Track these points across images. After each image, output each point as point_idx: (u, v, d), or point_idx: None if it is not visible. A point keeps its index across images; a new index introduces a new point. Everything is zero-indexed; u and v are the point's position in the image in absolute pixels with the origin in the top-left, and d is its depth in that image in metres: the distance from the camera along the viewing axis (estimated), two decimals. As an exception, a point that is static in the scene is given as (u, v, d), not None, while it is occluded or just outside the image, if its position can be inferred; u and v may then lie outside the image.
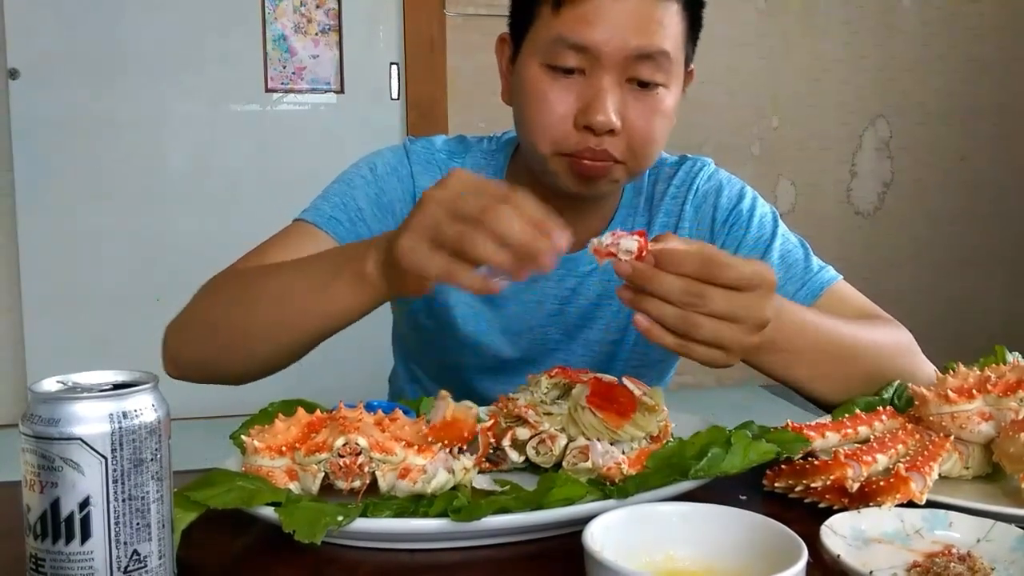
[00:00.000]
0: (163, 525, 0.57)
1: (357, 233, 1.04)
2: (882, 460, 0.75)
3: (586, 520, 0.59)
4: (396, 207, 1.08)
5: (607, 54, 0.94)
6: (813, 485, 0.74)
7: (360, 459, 0.69)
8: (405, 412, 0.77)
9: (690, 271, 0.72)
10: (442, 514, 0.66)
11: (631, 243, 0.73)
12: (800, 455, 0.76)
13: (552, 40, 0.96)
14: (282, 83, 3.28)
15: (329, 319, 0.86)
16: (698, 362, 0.75)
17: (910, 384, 0.88)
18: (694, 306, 0.72)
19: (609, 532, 0.58)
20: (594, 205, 1.09)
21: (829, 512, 0.69)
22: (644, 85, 0.97)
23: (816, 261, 1.10)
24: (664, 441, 0.80)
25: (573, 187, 1.01)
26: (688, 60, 1.04)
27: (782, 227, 1.13)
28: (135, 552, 0.55)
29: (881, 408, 0.86)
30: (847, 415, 0.84)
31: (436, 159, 1.12)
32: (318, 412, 0.76)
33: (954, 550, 0.65)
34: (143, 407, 0.55)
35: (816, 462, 0.74)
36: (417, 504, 0.69)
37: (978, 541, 0.66)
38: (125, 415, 0.54)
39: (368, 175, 1.09)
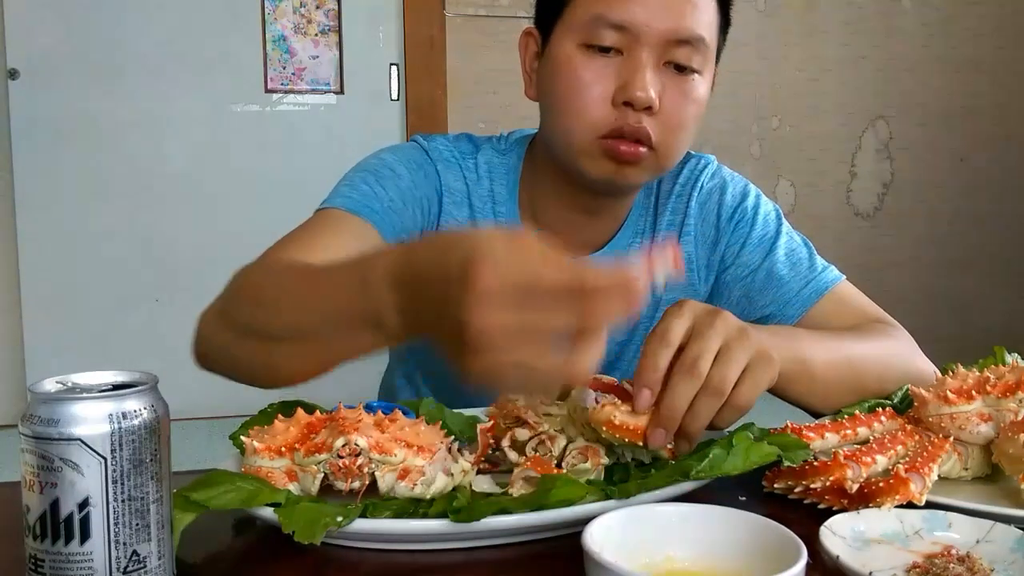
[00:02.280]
0: (162, 526, 0.57)
1: (391, 222, 1.01)
2: (881, 461, 0.75)
3: (586, 521, 0.59)
4: (425, 204, 1.06)
5: (647, 34, 0.94)
6: (813, 486, 0.74)
7: (360, 460, 0.69)
8: (405, 413, 0.77)
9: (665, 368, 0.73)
10: (442, 515, 0.66)
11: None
12: (799, 457, 0.76)
13: (591, 19, 0.96)
14: (282, 84, 3.29)
15: (356, 355, 0.71)
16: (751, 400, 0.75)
17: (909, 385, 0.88)
18: (701, 372, 0.72)
19: (609, 533, 0.58)
20: (609, 205, 1.09)
21: (829, 513, 0.69)
22: (680, 70, 0.97)
23: (820, 261, 1.11)
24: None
25: (605, 175, 0.99)
26: (718, 55, 1.04)
27: (786, 225, 1.14)
28: (134, 552, 0.55)
29: (880, 409, 0.86)
30: (847, 416, 0.84)
31: (455, 156, 1.11)
32: (317, 413, 0.76)
33: (953, 551, 0.65)
34: (143, 407, 0.55)
35: (815, 463, 0.74)
36: (417, 505, 0.69)
37: (977, 542, 0.66)
38: (125, 415, 0.54)
39: (396, 168, 1.06)
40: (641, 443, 0.73)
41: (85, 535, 0.53)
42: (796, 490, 0.75)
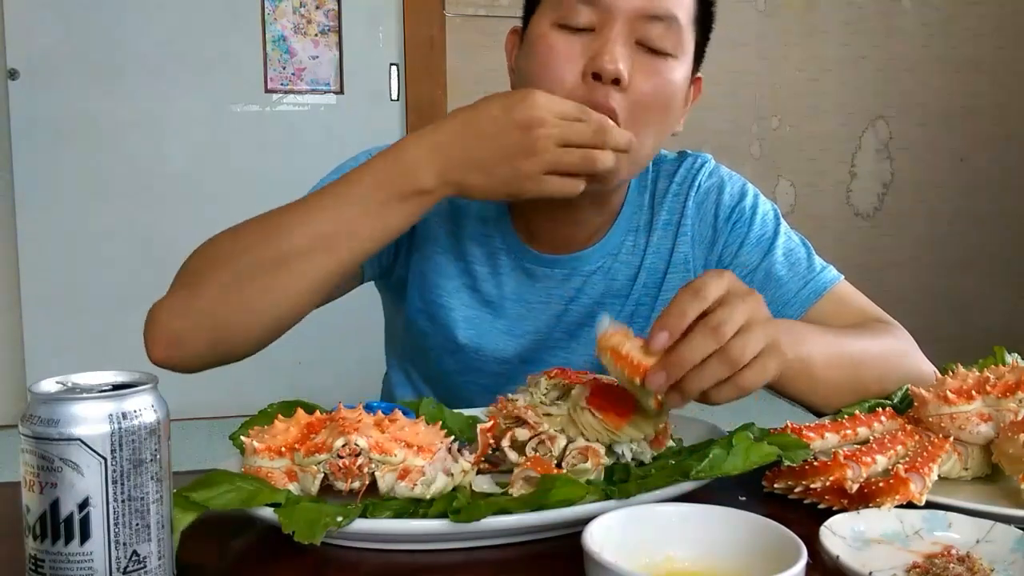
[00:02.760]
0: (162, 526, 0.57)
1: None
2: (881, 461, 0.75)
3: (586, 521, 0.59)
4: None
5: (618, 8, 0.94)
6: (813, 486, 0.74)
7: (360, 460, 0.69)
8: (405, 413, 0.77)
9: (691, 318, 0.72)
10: (442, 515, 0.66)
11: None
12: (799, 457, 0.76)
13: None
14: (282, 84, 3.28)
15: (382, 239, 0.91)
16: (751, 387, 0.73)
17: (909, 385, 0.89)
18: (723, 336, 0.70)
19: (609, 533, 0.58)
20: (600, 201, 1.07)
21: (829, 513, 0.69)
22: (654, 53, 0.97)
23: (818, 261, 1.10)
24: (664, 443, 0.80)
25: None
26: (699, 55, 1.03)
27: (784, 225, 1.13)
28: (134, 553, 0.55)
29: (880, 409, 0.86)
30: (847, 416, 0.85)
31: None
32: (317, 413, 0.76)
33: (953, 551, 0.65)
34: (143, 408, 0.55)
35: (815, 463, 0.74)
36: (417, 505, 0.69)
37: (977, 542, 0.66)
38: (125, 416, 0.54)
39: None
40: (638, 380, 0.71)
41: (85, 535, 0.53)
42: (796, 490, 0.75)
